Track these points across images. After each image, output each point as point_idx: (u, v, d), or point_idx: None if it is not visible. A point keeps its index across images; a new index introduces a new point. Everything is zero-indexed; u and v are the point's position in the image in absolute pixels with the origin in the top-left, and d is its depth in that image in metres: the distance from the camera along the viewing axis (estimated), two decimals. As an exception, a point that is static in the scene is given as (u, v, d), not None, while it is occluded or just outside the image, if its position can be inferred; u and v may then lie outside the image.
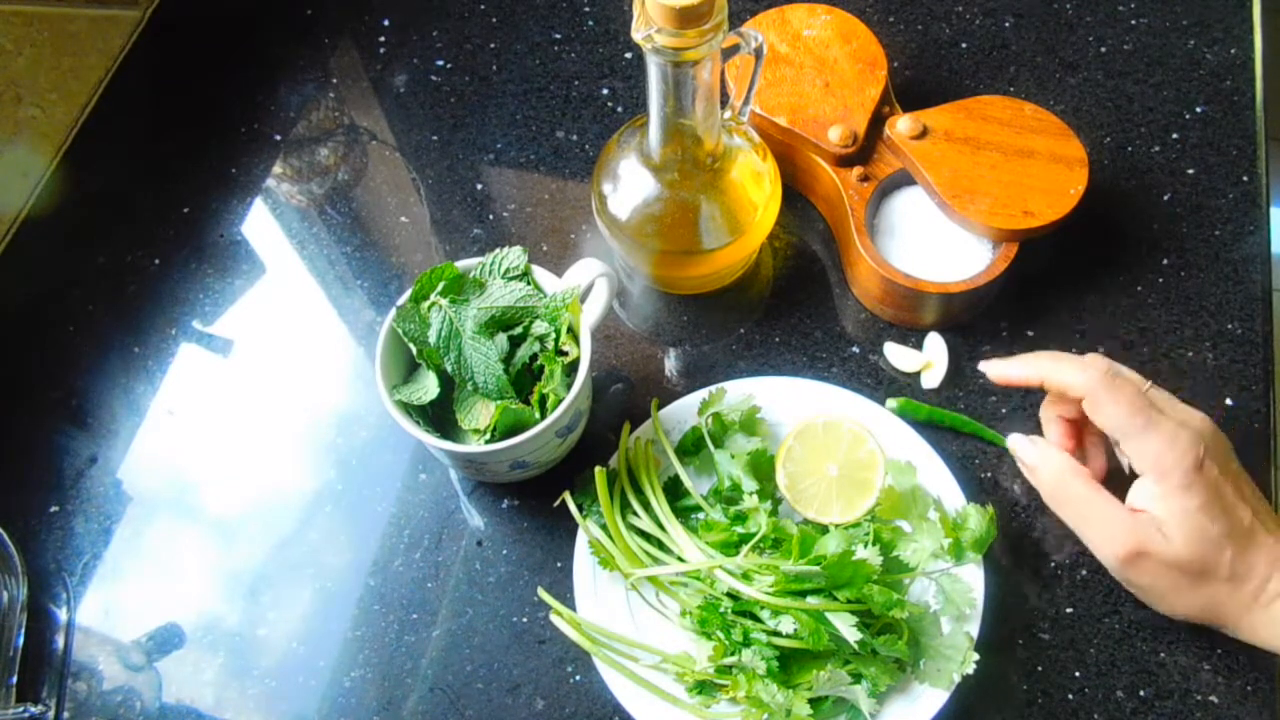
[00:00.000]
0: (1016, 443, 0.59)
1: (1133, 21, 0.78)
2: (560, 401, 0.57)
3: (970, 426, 0.63)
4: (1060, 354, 0.57)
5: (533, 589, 0.61)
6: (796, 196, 0.72)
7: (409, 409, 0.58)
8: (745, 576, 0.54)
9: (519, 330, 0.59)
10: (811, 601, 0.52)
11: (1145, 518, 0.53)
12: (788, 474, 0.59)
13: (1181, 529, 0.51)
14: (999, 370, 0.58)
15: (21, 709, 0.59)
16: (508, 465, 0.59)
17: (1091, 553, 0.56)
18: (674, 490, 0.60)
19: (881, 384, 0.66)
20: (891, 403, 0.64)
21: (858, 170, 0.66)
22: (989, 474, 0.63)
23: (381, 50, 0.82)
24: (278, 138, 0.78)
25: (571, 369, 0.59)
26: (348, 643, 0.60)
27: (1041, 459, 0.57)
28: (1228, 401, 0.64)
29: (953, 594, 0.56)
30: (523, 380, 0.59)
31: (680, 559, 0.56)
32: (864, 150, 0.67)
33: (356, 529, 0.64)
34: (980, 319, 0.67)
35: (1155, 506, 0.52)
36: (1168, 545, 0.52)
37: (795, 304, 0.69)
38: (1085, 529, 0.55)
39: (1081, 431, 0.59)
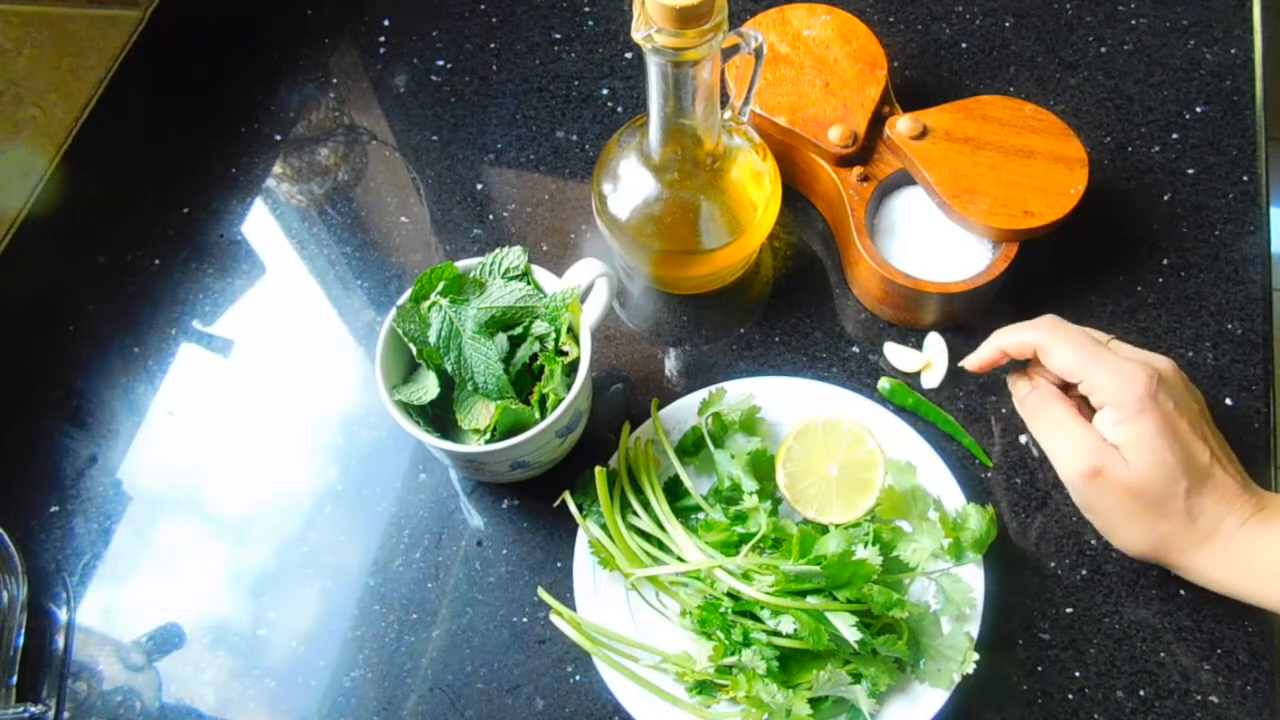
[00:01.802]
0: (1013, 378, 0.61)
1: (1133, 21, 0.78)
2: (560, 401, 0.57)
3: (950, 428, 0.64)
4: (1013, 325, 0.59)
5: (533, 589, 0.61)
6: (796, 196, 0.72)
7: (409, 409, 0.58)
8: (745, 576, 0.54)
9: (519, 330, 0.59)
10: (811, 601, 0.52)
11: (1108, 444, 0.54)
12: (788, 474, 0.59)
13: (1138, 452, 0.53)
14: (973, 361, 0.61)
15: (21, 709, 0.59)
16: (508, 465, 0.59)
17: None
18: (674, 490, 0.60)
19: (881, 384, 0.66)
20: (884, 383, 0.64)
21: (858, 170, 0.66)
22: (989, 474, 0.63)
23: (381, 50, 0.82)
24: (278, 138, 0.78)
25: (571, 369, 0.59)
26: (348, 643, 0.60)
27: (1029, 388, 0.59)
28: (1228, 401, 0.64)
29: (953, 594, 0.56)
30: (523, 380, 0.59)
31: (680, 559, 0.56)
32: (864, 150, 0.67)
33: (356, 529, 0.64)
34: (980, 319, 0.67)
35: (1113, 433, 0.54)
36: (1126, 468, 0.53)
37: (795, 304, 0.69)
38: (1054, 446, 0.57)
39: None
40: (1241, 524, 0.53)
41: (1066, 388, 0.58)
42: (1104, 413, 0.55)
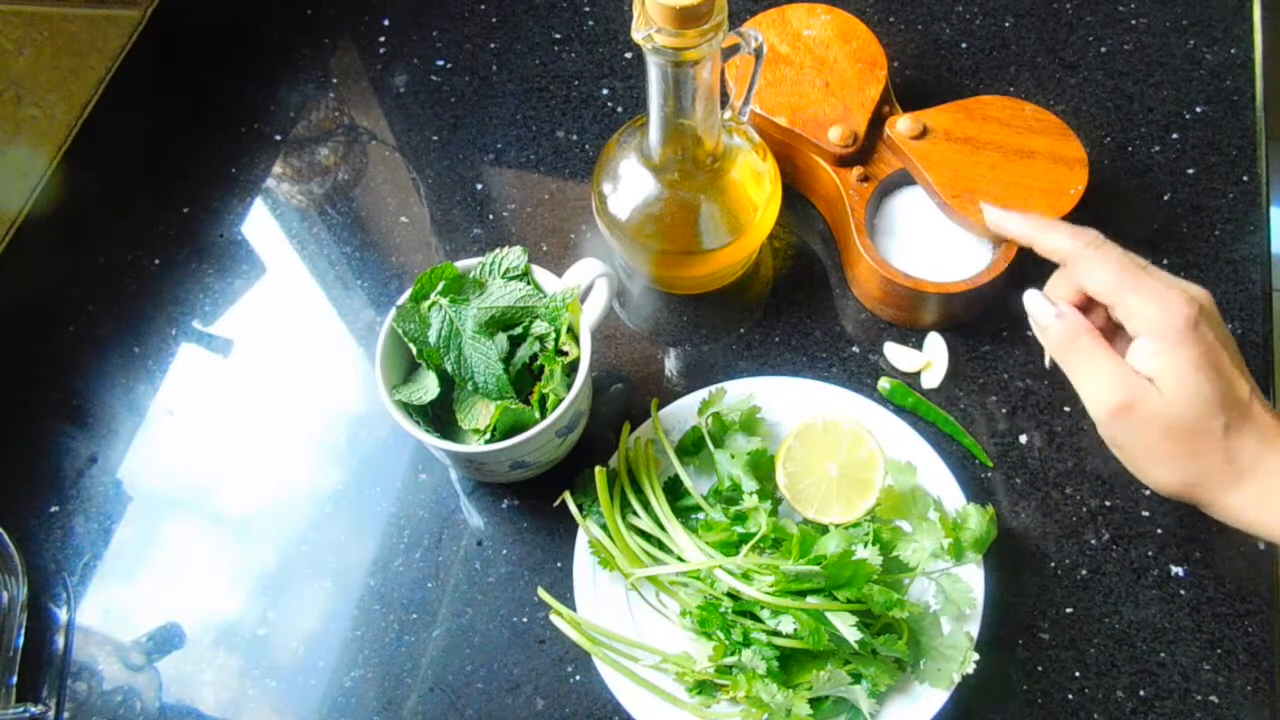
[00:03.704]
0: (1032, 300, 0.56)
1: (1133, 21, 0.78)
2: (560, 401, 0.57)
3: (950, 428, 0.64)
4: (1057, 220, 0.56)
5: (533, 589, 0.61)
6: (796, 196, 0.72)
7: (409, 409, 0.58)
8: (745, 576, 0.54)
9: (519, 330, 0.59)
10: (811, 601, 0.52)
11: (1140, 375, 0.51)
12: (788, 474, 0.59)
13: (1175, 382, 0.50)
14: (997, 217, 0.58)
15: (21, 709, 0.59)
16: (508, 465, 0.59)
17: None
18: (674, 490, 0.60)
19: (881, 384, 0.66)
20: (884, 383, 0.64)
21: (858, 170, 0.66)
22: (989, 474, 0.63)
23: (381, 50, 0.82)
24: (278, 138, 0.79)
25: (571, 369, 0.59)
26: (348, 643, 0.60)
27: (1054, 317, 0.55)
28: (1228, 401, 0.64)
29: (953, 594, 0.56)
30: (523, 380, 0.59)
31: (680, 559, 0.56)
32: (864, 150, 0.67)
33: (357, 529, 0.64)
34: (980, 319, 0.67)
35: (1150, 364, 0.51)
36: (1161, 400, 0.50)
37: (795, 304, 0.69)
38: (1083, 382, 0.53)
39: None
40: None
41: (1086, 309, 0.55)
42: (1141, 342, 0.51)
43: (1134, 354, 0.52)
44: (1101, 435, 0.54)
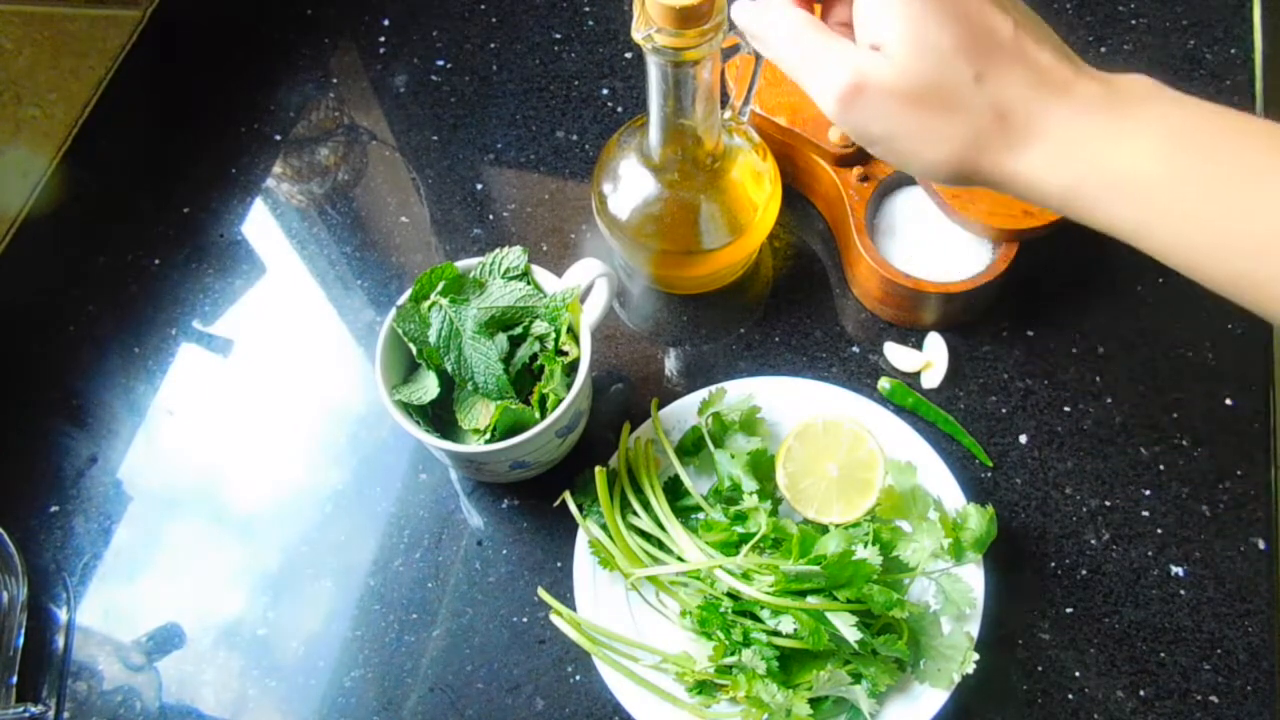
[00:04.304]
0: (738, 13, 0.47)
1: (1133, 21, 0.78)
2: (560, 401, 0.57)
3: (950, 428, 0.64)
4: None
5: (533, 589, 0.61)
6: (796, 196, 0.72)
7: (409, 409, 0.58)
8: (745, 576, 0.54)
9: (519, 330, 0.59)
10: (811, 601, 0.52)
11: (865, 49, 0.42)
12: (788, 474, 0.59)
13: (900, 41, 0.41)
14: None
15: (21, 709, 0.59)
16: (508, 465, 0.59)
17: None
18: (674, 490, 0.60)
19: (881, 384, 0.66)
20: (884, 383, 0.64)
21: (858, 170, 0.66)
22: (989, 474, 0.63)
23: (381, 50, 0.82)
24: (278, 138, 0.79)
25: (571, 369, 0.59)
26: (348, 643, 0.60)
27: (766, 22, 0.45)
28: (1228, 401, 0.64)
29: (953, 594, 0.56)
30: (523, 380, 0.59)
31: (680, 559, 0.56)
32: (864, 150, 0.67)
33: (357, 529, 0.64)
34: (980, 319, 0.67)
35: (871, 31, 0.42)
36: (889, 65, 0.41)
37: (795, 304, 0.69)
38: (804, 76, 0.44)
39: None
40: (1082, 111, 0.41)
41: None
42: (857, 9, 0.42)
43: (858, 28, 0.43)
44: (851, 136, 0.45)
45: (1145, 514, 0.61)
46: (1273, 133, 0.40)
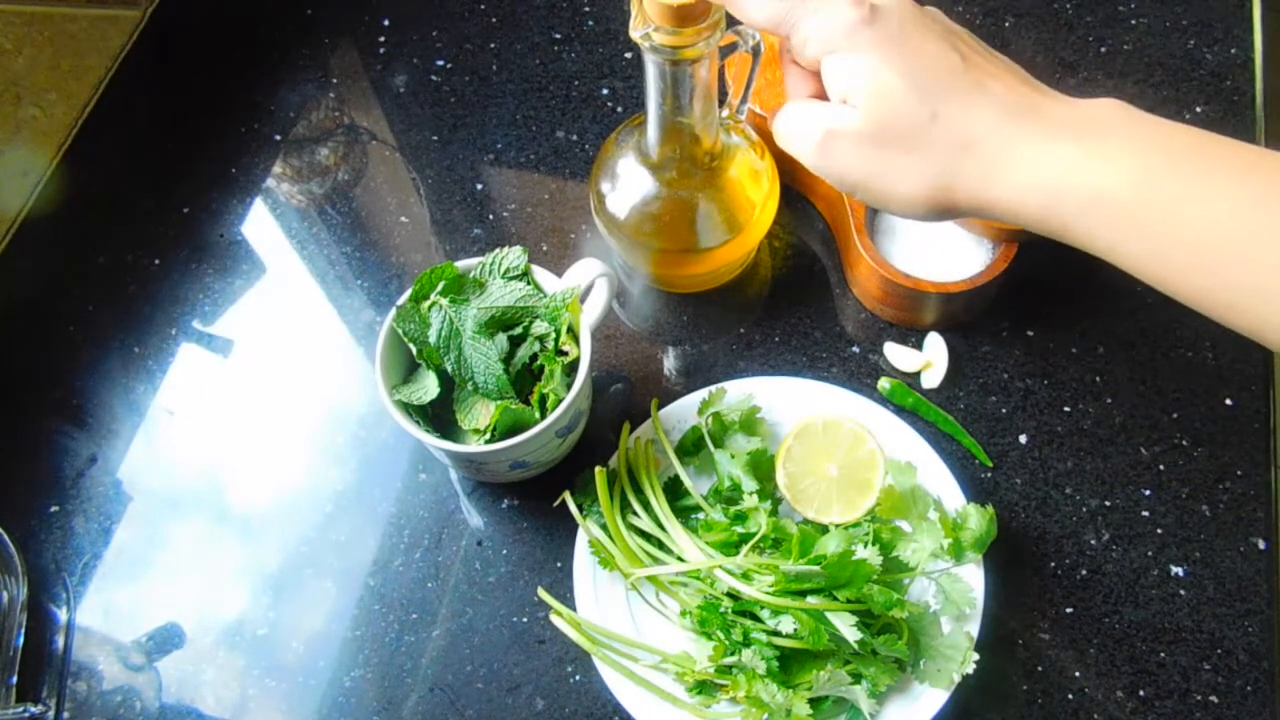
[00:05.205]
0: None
1: (1133, 21, 0.78)
2: (560, 401, 0.57)
3: (950, 428, 0.64)
4: None
5: (533, 589, 0.61)
6: (796, 196, 0.72)
7: (409, 409, 0.58)
8: (745, 576, 0.54)
9: (519, 330, 0.59)
10: (811, 601, 0.52)
11: (833, 103, 0.46)
12: (788, 474, 0.59)
13: (860, 90, 0.44)
14: None
15: (21, 709, 0.59)
16: (508, 465, 0.59)
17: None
18: (674, 490, 0.60)
19: (881, 384, 0.66)
20: (884, 383, 0.64)
21: (858, 170, 0.66)
22: (989, 474, 0.63)
23: (381, 50, 0.82)
24: (278, 138, 0.79)
25: (571, 369, 0.59)
26: (348, 643, 0.60)
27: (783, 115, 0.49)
28: (1227, 401, 0.64)
29: (953, 594, 0.56)
30: (523, 380, 0.59)
31: (680, 559, 0.56)
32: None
33: (356, 529, 0.64)
34: (980, 319, 0.67)
35: (835, 84, 0.45)
36: (854, 115, 0.44)
37: (795, 304, 0.69)
38: (793, 141, 0.48)
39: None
40: (1052, 135, 0.43)
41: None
42: (823, 65, 0.45)
43: (827, 86, 0.46)
44: (833, 184, 0.48)
45: (1145, 514, 0.61)
46: (1236, 151, 0.42)
